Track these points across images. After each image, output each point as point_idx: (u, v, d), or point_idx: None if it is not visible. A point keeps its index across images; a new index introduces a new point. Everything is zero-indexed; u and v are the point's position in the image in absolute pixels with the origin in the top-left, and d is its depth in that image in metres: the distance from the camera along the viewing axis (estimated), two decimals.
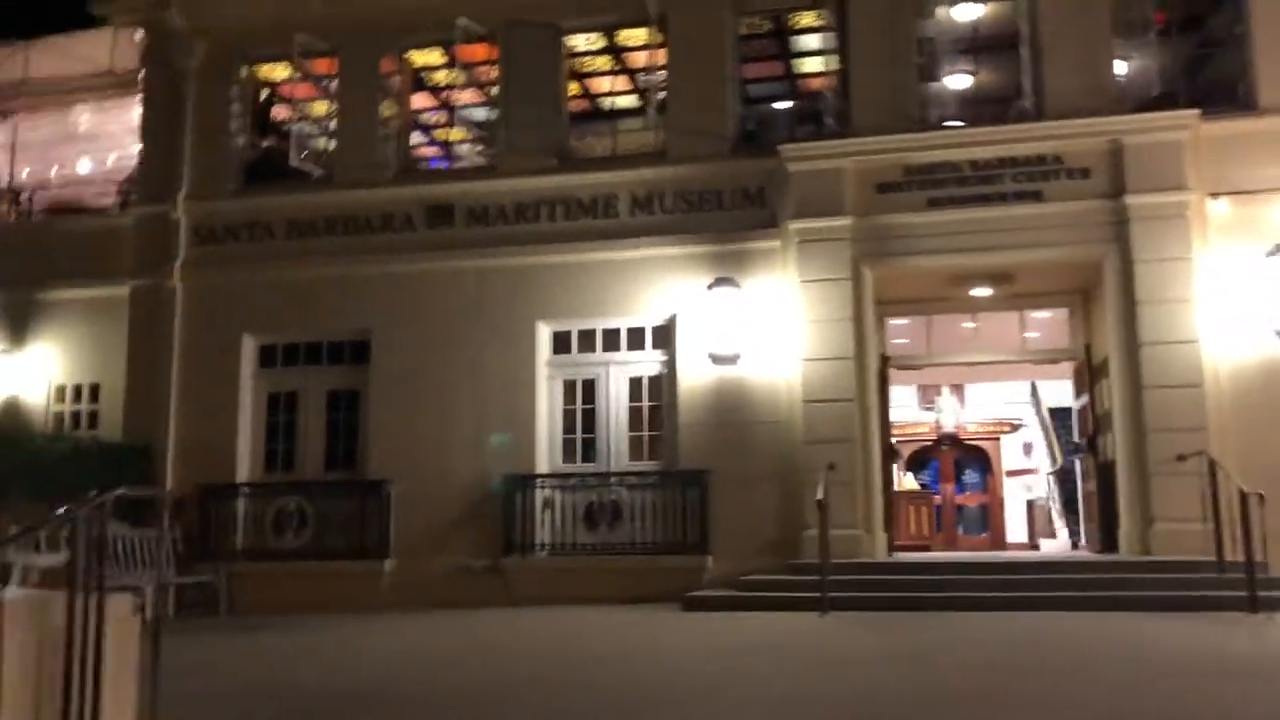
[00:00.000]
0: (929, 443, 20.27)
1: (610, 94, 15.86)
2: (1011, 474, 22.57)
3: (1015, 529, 20.55)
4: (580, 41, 14.88)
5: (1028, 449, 24.46)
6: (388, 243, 14.39)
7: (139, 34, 15.54)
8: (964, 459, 20.31)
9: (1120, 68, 13.17)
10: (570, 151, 14.61)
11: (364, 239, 14.49)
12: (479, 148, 14.46)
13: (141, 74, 15.54)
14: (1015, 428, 21.83)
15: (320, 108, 15.19)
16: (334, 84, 15.05)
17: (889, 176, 12.97)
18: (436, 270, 14.14)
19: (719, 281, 13.08)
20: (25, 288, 15.55)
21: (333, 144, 14.96)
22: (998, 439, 20.57)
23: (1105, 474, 12.98)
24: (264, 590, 13.12)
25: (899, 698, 6.22)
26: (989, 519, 19.53)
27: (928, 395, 22.08)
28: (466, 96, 15.40)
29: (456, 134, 16.09)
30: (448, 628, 10.67)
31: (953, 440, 20.16)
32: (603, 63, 15.44)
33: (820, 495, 10.89)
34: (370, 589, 13.31)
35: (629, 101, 15.88)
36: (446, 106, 15.71)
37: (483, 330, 13.91)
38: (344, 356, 14.59)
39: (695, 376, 13.24)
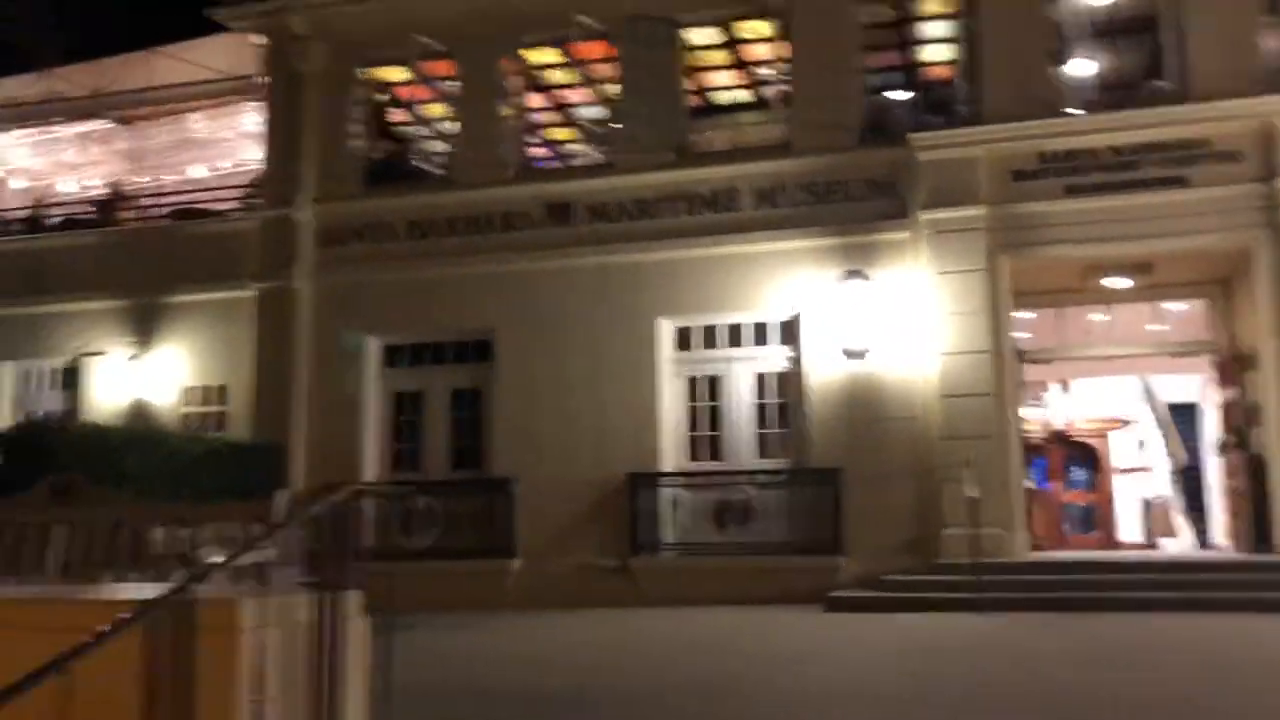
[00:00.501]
0: (1036, 439, 19.81)
1: (727, 88, 15.67)
2: (1122, 471, 21.96)
3: (1126, 528, 19.97)
4: (697, 36, 14.72)
5: (1140, 446, 23.77)
6: (508, 241, 14.39)
7: (258, 40, 15.75)
8: (1071, 456, 19.78)
9: (1269, 46, 12.65)
10: (689, 146, 14.46)
11: (484, 238, 14.51)
12: (597, 145, 14.35)
13: (262, 79, 15.75)
14: (1125, 424, 21.23)
15: (438, 109, 15.24)
16: (452, 85, 15.09)
17: (1024, 164, 12.60)
18: (557, 268, 14.11)
19: (850, 274, 12.85)
20: (152, 292, 15.85)
21: (452, 144, 15.00)
22: (1106, 436, 20.01)
23: (1256, 469, 12.46)
24: (392, 589, 13.15)
25: (1135, 699, 5.93)
26: (1096, 517, 19.00)
27: (1034, 391, 21.57)
28: (583, 94, 15.33)
29: (573, 132, 16.03)
30: (602, 626, 10.59)
31: (1060, 437, 19.65)
32: (718, 57, 15.26)
33: (974, 492, 10.59)
34: (496, 588, 13.29)
35: (746, 95, 15.67)
36: (563, 105, 15.66)
37: (604, 327, 13.84)
38: (467, 355, 14.64)
39: (824, 372, 13.01)
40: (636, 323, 13.75)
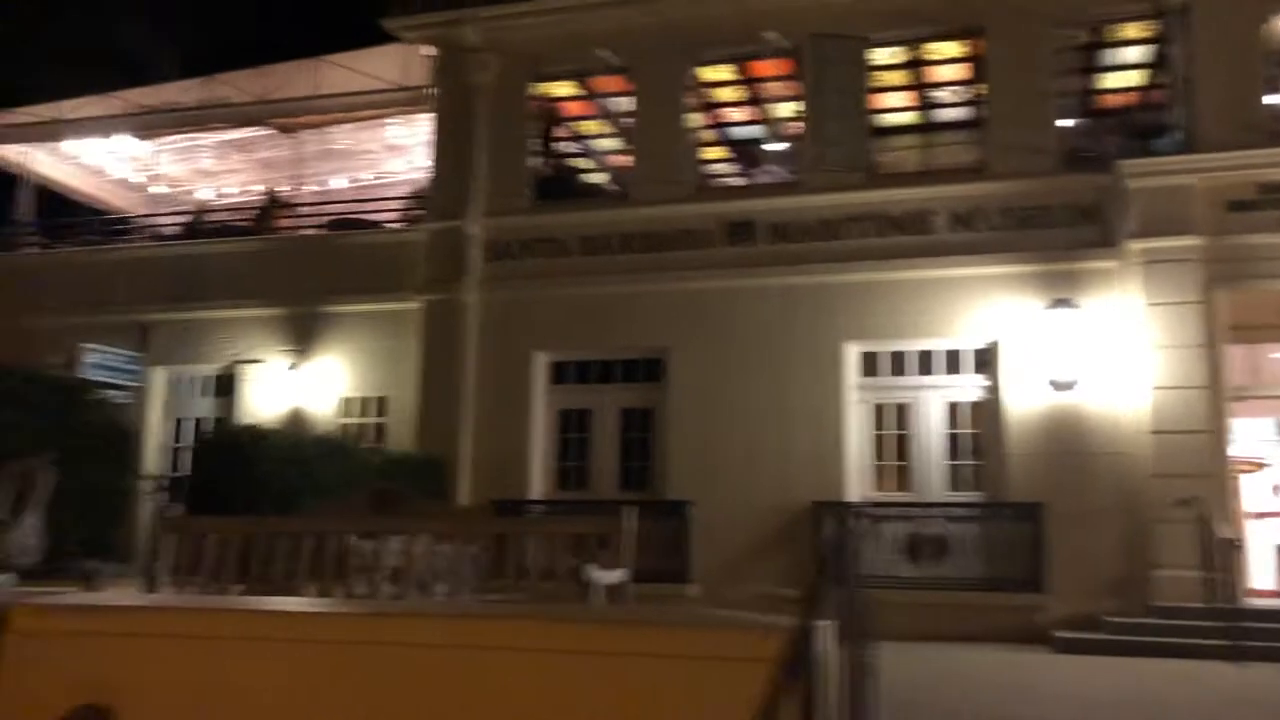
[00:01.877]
0: None
1: (913, 108, 15.35)
2: (1257, 516, 21.23)
3: (1261, 574, 19.25)
4: (884, 55, 14.42)
5: (1278, 490, 23.02)
6: (685, 260, 14.11)
7: (429, 51, 15.65)
8: None
9: None
10: (877, 167, 14.12)
11: (660, 256, 14.24)
12: (780, 164, 14.06)
13: (431, 91, 15.64)
14: (1259, 467, 20.54)
15: (612, 124, 15.03)
16: (628, 100, 14.89)
17: (1241, 194, 12.13)
18: (737, 288, 13.81)
19: (1057, 303, 12.42)
20: (313, 301, 15.75)
21: (626, 160, 14.77)
22: (1237, 478, 19.33)
23: None
24: None
25: None
26: None
27: None
28: (764, 112, 15.07)
29: (754, 150, 15.76)
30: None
31: None
32: (905, 76, 14.95)
33: (1228, 534, 10.10)
34: None
35: (931, 116, 15.34)
36: (742, 122, 15.40)
37: (787, 350, 13.50)
38: (637, 374, 14.35)
39: (1025, 403, 12.58)
40: (821, 346, 13.40)
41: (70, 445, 8.44)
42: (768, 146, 15.60)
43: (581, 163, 15.06)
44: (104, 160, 19.29)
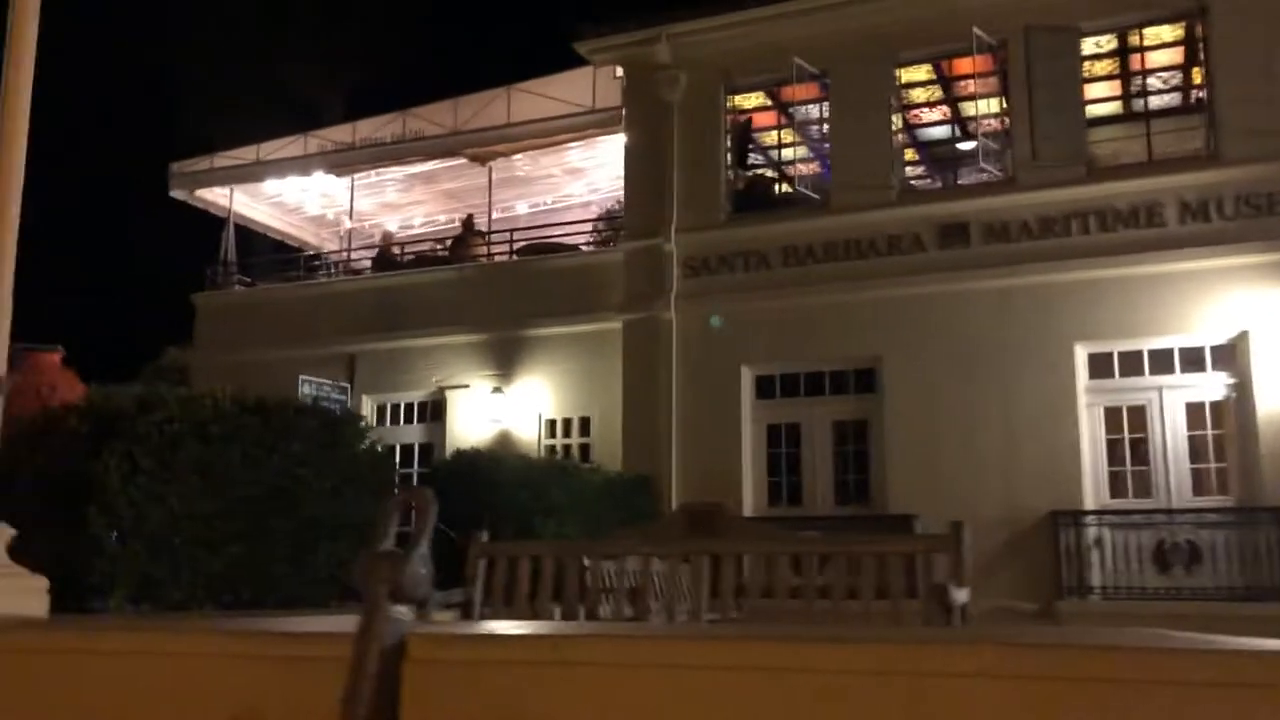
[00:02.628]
0: None
1: (1125, 96, 14.72)
2: None
3: None
4: (1095, 44, 13.86)
5: None
6: (894, 266, 13.77)
7: (618, 71, 15.73)
8: None
9: None
10: (1095, 159, 13.54)
11: (866, 263, 13.93)
12: (991, 161, 13.61)
13: (622, 110, 15.71)
14: None
15: (809, 131, 14.82)
16: (824, 105, 14.66)
17: None
18: (951, 292, 13.39)
19: None
20: (512, 325, 15.96)
21: (826, 167, 14.53)
22: None
23: None
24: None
25: None
26: None
27: None
28: (970, 109, 14.64)
29: (960, 149, 15.35)
30: None
31: None
32: (1109, 65, 14.34)
33: None
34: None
35: (1138, 105, 14.67)
36: (946, 121, 15.01)
37: (1008, 354, 13.01)
38: (848, 386, 14.05)
39: (1278, 401, 11.82)
40: (1047, 349, 12.86)
41: (341, 474, 8.63)
42: (973, 145, 15.12)
43: (776, 172, 14.87)
44: (299, 198, 20.00)
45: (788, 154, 15.21)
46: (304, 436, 8.27)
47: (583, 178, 19.15)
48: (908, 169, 15.48)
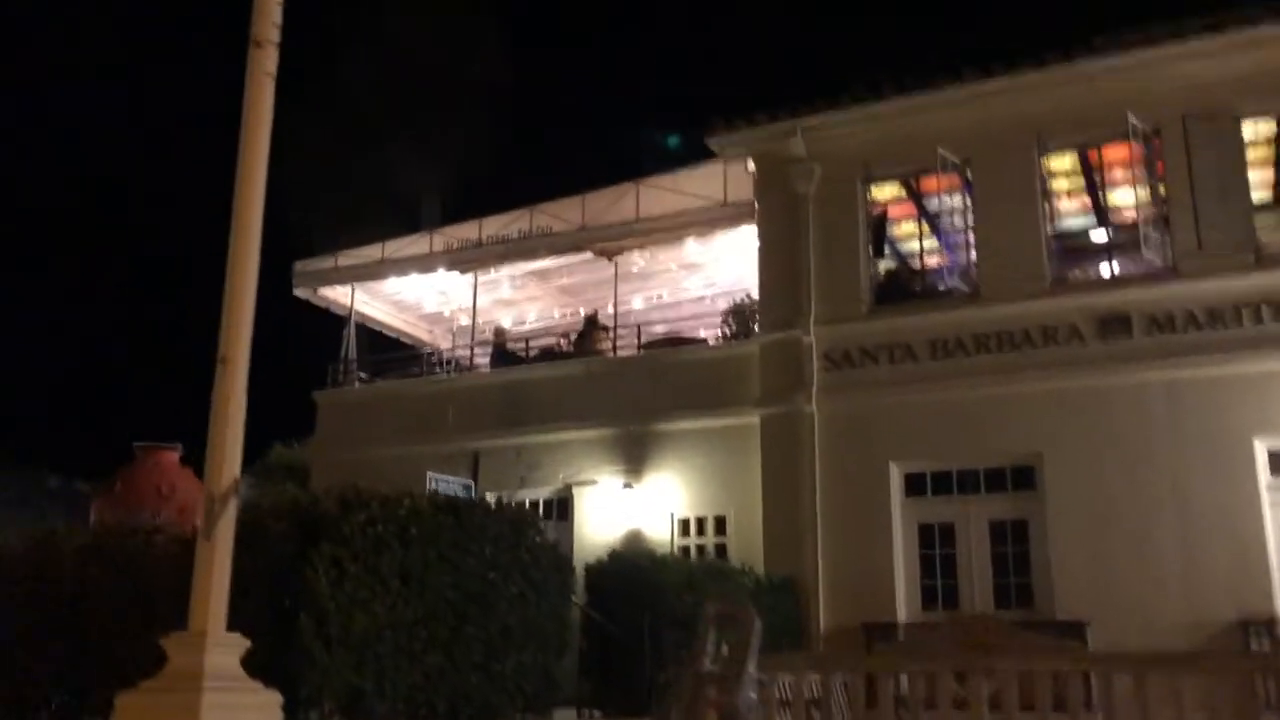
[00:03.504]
0: None
1: None
2: None
3: None
4: (1249, 130, 13.43)
5: None
6: (1050, 358, 13.26)
7: (749, 165, 15.62)
8: None
9: None
10: (1263, 247, 13.00)
11: (1020, 355, 13.44)
12: (1151, 250, 13.13)
13: (754, 203, 15.56)
14: None
15: (952, 221, 14.48)
16: (965, 195, 14.34)
17: None
18: (1114, 385, 12.84)
19: None
20: (642, 419, 15.65)
21: (972, 257, 14.16)
22: None
23: None
24: None
25: None
26: None
27: None
28: (1122, 197, 14.25)
29: (1115, 238, 14.92)
30: None
31: None
32: (1263, 152, 13.90)
33: None
34: None
35: None
36: (1097, 209, 14.61)
37: (1180, 450, 12.37)
38: (1005, 483, 13.45)
39: None
40: (1222, 445, 12.21)
41: (526, 577, 8.27)
42: (1128, 233, 14.67)
43: (916, 262, 14.53)
44: (418, 295, 20.07)
45: (928, 243, 14.87)
46: (493, 538, 7.96)
47: (700, 271, 18.95)
48: (1062, 259, 15.01)
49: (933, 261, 14.77)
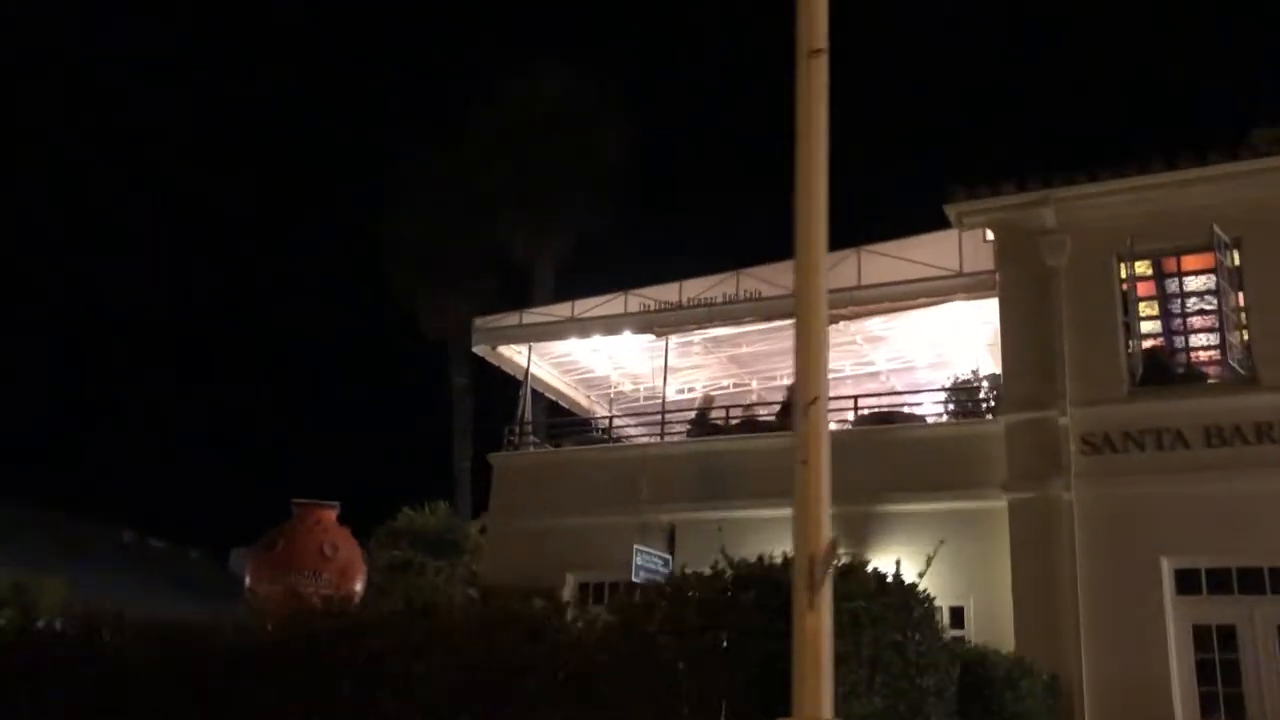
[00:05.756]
0: None
1: None
2: None
3: None
4: None
5: None
6: None
7: (986, 234, 14.91)
8: None
9: None
10: None
11: None
12: None
13: (990, 274, 14.81)
14: None
15: (1219, 300, 13.63)
16: (1232, 273, 13.53)
17: None
18: None
19: None
20: (860, 499, 14.67)
21: (1247, 339, 13.29)
22: None
23: None
24: None
25: None
26: None
27: None
28: None
29: None
30: None
31: None
32: None
33: None
34: None
35: None
36: None
37: None
38: None
39: None
40: None
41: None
42: None
43: (1178, 343, 13.71)
44: (590, 359, 19.40)
45: (1190, 323, 14.04)
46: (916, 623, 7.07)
47: (940, 341, 17.93)
48: None
49: (1197, 343, 13.90)
